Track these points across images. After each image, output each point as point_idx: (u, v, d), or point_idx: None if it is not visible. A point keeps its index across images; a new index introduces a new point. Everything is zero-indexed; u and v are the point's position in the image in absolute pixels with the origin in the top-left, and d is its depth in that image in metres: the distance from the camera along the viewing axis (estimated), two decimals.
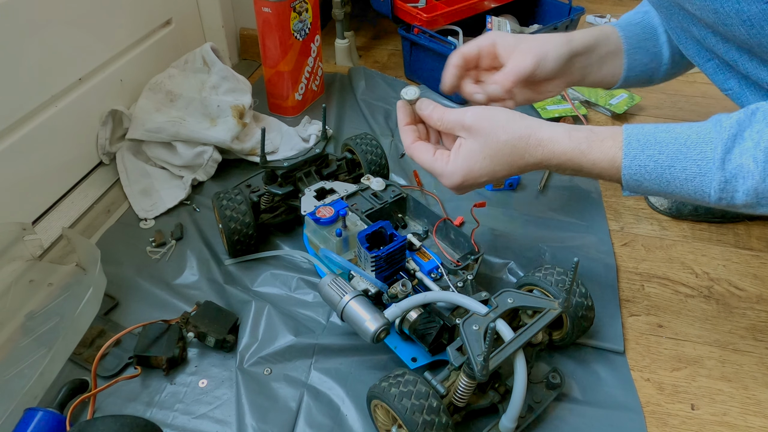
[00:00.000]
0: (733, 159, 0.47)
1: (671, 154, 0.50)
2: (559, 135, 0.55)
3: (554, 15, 1.34)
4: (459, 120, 0.58)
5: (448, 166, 0.58)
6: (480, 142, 0.56)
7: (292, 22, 1.04)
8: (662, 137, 0.51)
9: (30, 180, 0.83)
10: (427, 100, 0.62)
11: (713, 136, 0.48)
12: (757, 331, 0.73)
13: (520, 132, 0.55)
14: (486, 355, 0.50)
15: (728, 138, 0.48)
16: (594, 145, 0.53)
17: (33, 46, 0.79)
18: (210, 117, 0.98)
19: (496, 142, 0.56)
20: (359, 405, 0.63)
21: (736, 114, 0.49)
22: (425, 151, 0.60)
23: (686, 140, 0.50)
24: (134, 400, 0.64)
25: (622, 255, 0.84)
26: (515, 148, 0.55)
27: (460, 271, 0.67)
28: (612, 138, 0.53)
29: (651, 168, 0.51)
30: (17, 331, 0.69)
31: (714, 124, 0.49)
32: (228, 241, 0.78)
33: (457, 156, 0.58)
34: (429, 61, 1.20)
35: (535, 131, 0.55)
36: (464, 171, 0.57)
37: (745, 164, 0.47)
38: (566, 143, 0.54)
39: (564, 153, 0.54)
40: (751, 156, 0.46)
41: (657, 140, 0.51)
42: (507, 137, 0.55)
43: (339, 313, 0.59)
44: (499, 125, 0.56)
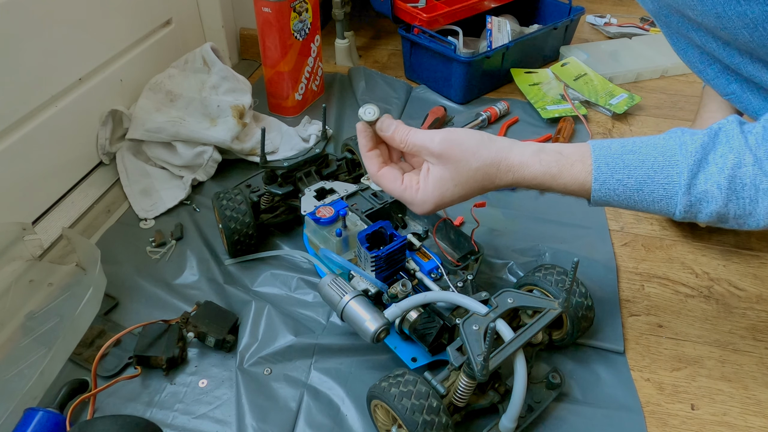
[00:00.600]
0: (698, 185, 0.49)
1: (639, 179, 0.51)
2: (529, 160, 0.54)
3: (554, 15, 1.34)
4: (425, 146, 0.56)
5: (418, 194, 0.56)
6: (450, 170, 0.55)
7: (292, 22, 1.04)
8: (630, 160, 0.51)
9: (30, 180, 0.83)
10: (389, 119, 0.58)
11: (679, 159, 0.50)
12: (757, 331, 0.73)
13: (491, 158, 0.55)
14: (486, 355, 0.50)
15: (693, 164, 0.49)
16: (564, 170, 0.53)
17: (33, 46, 0.79)
18: (210, 117, 0.98)
19: (467, 170, 0.55)
20: (359, 405, 0.63)
21: (699, 136, 0.50)
22: (392, 180, 0.58)
23: (653, 164, 0.51)
24: (134, 400, 0.64)
25: (622, 255, 0.84)
26: (487, 175, 0.55)
27: (460, 271, 0.67)
28: (581, 161, 0.53)
29: (620, 191, 0.52)
30: (17, 331, 0.69)
31: (680, 147, 0.50)
32: (228, 241, 0.78)
33: (426, 183, 0.56)
34: (429, 61, 1.20)
35: (506, 156, 0.55)
36: (435, 199, 0.56)
37: (710, 190, 0.49)
38: (536, 168, 0.54)
39: (534, 178, 0.54)
40: (715, 183, 0.48)
41: (625, 164, 0.52)
42: (478, 165, 0.55)
43: (339, 313, 0.59)
44: (470, 152, 0.55)
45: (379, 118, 0.57)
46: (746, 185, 0.48)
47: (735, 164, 0.48)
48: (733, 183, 0.48)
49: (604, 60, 1.30)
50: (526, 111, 1.17)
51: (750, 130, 0.49)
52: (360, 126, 0.59)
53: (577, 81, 1.21)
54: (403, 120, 1.15)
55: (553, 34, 1.28)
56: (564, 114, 1.12)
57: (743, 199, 0.48)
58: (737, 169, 0.48)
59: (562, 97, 1.17)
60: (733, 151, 0.48)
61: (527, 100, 1.18)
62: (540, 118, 1.13)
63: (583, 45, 1.37)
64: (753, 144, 0.48)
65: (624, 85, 1.26)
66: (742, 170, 0.48)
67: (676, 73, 1.30)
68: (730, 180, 0.48)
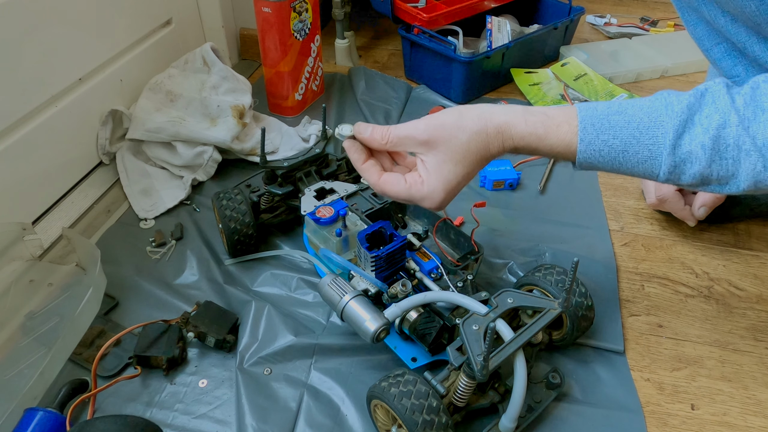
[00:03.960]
0: (683, 145, 0.49)
1: (625, 139, 0.51)
2: (514, 120, 0.54)
3: (554, 15, 1.34)
4: (410, 136, 0.55)
5: (425, 187, 0.55)
6: (443, 151, 0.54)
7: (292, 22, 1.04)
8: (616, 121, 0.51)
9: (30, 180, 0.83)
10: (362, 124, 0.58)
11: (665, 120, 0.50)
12: (757, 331, 0.73)
13: (477, 126, 0.54)
14: (486, 355, 0.50)
15: (679, 124, 0.49)
16: (550, 131, 0.53)
17: (33, 46, 0.79)
18: (210, 117, 0.98)
19: (459, 145, 0.54)
20: (359, 405, 0.63)
21: (685, 97, 0.50)
22: (395, 183, 0.57)
23: (639, 125, 0.50)
24: (134, 400, 0.64)
25: (622, 255, 0.84)
26: (479, 144, 0.54)
27: (460, 271, 0.67)
28: (567, 123, 0.53)
29: (605, 152, 0.52)
30: (17, 331, 0.69)
31: (666, 108, 0.50)
32: (228, 241, 0.78)
33: (428, 174, 0.55)
34: (429, 61, 1.20)
35: (490, 119, 0.54)
36: (443, 185, 0.55)
37: (694, 151, 0.48)
38: (523, 128, 0.54)
39: (522, 138, 0.54)
40: (700, 143, 0.48)
41: (611, 125, 0.51)
42: (467, 136, 0.54)
43: (339, 313, 0.59)
44: (454, 127, 0.55)
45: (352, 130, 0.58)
46: (729, 146, 0.48)
47: (720, 124, 0.48)
48: (717, 143, 0.48)
49: (604, 60, 1.30)
50: None
51: (737, 91, 0.49)
52: (346, 144, 0.58)
53: (577, 81, 1.21)
54: (404, 120, 1.15)
55: (553, 34, 1.28)
56: None
57: (726, 159, 0.48)
58: (722, 129, 0.48)
59: (562, 97, 1.17)
60: (719, 112, 0.48)
61: (527, 100, 1.18)
62: None
63: (583, 45, 1.37)
64: (740, 105, 0.48)
65: (624, 85, 1.26)
66: (726, 131, 0.48)
67: (676, 73, 1.30)
68: (714, 140, 0.48)
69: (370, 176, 0.58)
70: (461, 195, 0.93)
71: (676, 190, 0.81)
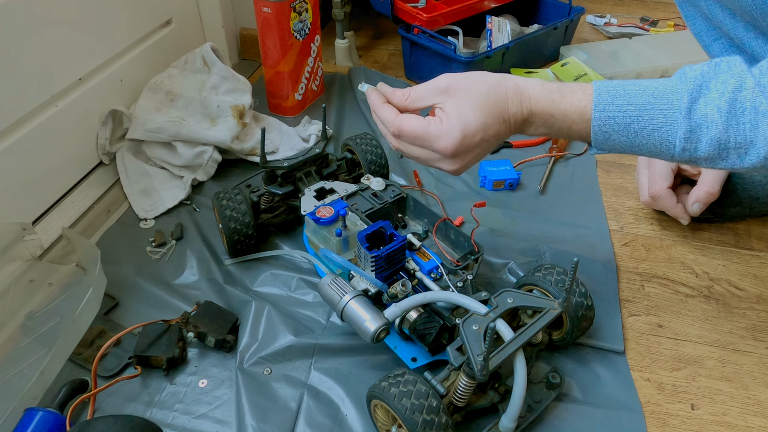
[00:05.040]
0: (698, 109, 0.48)
1: (639, 105, 0.51)
2: (532, 82, 0.56)
3: (554, 15, 1.34)
4: (433, 87, 0.57)
5: (443, 125, 0.55)
6: (462, 96, 0.55)
7: (292, 22, 1.04)
8: (630, 89, 0.52)
9: (30, 180, 0.83)
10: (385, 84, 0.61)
11: (679, 87, 0.50)
12: (757, 331, 0.73)
13: (496, 80, 0.56)
14: (486, 355, 0.50)
15: (694, 88, 0.49)
16: (565, 96, 0.54)
17: (33, 46, 0.79)
18: (210, 117, 0.98)
19: (479, 92, 0.55)
20: (359, 405, 0.63)
21: (700, 66, 0.50)
22: (413, 118, 0.57)
23: (654, 91, 0.51)
24: (134, 400, 0.64)
25: (622, 255, 0.84)
26: (498, 96, 0.55)
27: (460, 271, 0.67)
28: (582, 90, 0.53)
29: (620, 119, 0.51)
30: (17, 331, 0.69)
31: (680, 77, 0.50)
32: (228, 241, 0.78)
33: (446, 115, 0.55)
34: (429, 61, 1.20)
35: (510, 79, 0.56)
36: (461, 126, 0.54)
37: (710, 114, 0.48)
38: (540, 90, 0.55)
39: (538, 101, 0.54)
40: (716, 106, 0.48)
41: (626, 92, 0.52)
42: (487, 87, 0.55)
43: (339, 313, 0.59)
44: (476, 78, 0.56)
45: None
46: (746, 109, 0.47)
47: (735, 88, 0.47)
48: (733, 106, 0.47)
49: (604, 60, 1.30)
50: None
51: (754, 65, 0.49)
52: (368, 90, 0.61)
53: (577, 81, 1.21)
54: None
55: (553, 34, 1.28)
56: None
57: (743, 124, 0.47)
58: (737, 92, 0.47)
59: None
60: (735, 77, 0.48)
61: None
62: None
63: (583, 45, 1.37)
64: (756, 72, 0.48)
65: None
66: (742, 93, 0.47)
67: None
68: (730, 103, 0.47)
69: (388, 113, 0.59)
70: (461, 195, 0.94)
71: (668, 187, 0.81)
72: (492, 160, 1.00)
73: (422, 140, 0.56)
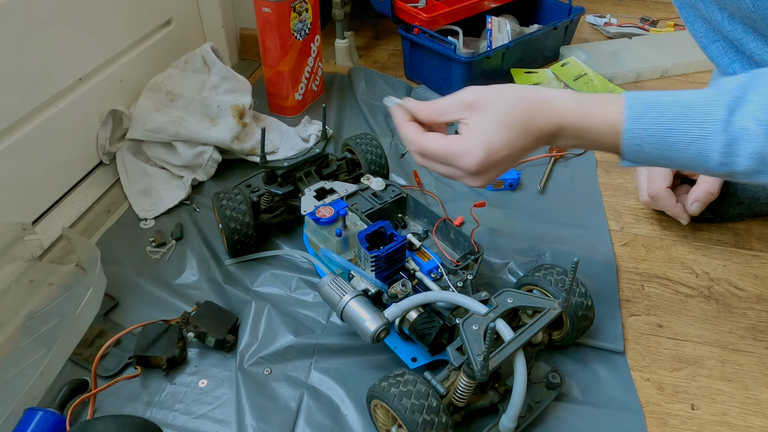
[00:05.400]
0: (736, 121, 0.46)
1: (674, 117, 0.49)
2: (561, 94, 0.54)
3: (554, 15, 1.34)
4: (457, 100, 0.55)
5: (465, 143, 0.54)
6: (487, 111, 0.54)
7: (292, 22, 1.04)
8: (664, 100, 0.50)
9: (30, 180, 0.83)
10: (411, 99, 0.59)
11: (716, 98, 0.48)
12: (757, 331, 0.73)
13: (523, 94, 0.54)
14: (486, 355, 0.50)
15: (731, 100, 0.47)
16: (595, 108, 0.52)
17: (33, 46, 0.79)
18: (210, 117, 0.98)
19: (505, 106, 0.53)
20: (359, 405, 0.63)
21: (737, 77, 0.48)
22: (436, 137, 0.56)
23: (689, 103, 0.49)
24: (134, 400, 0.64)
25: (622, 255, 0.84)
26: (524, 111, 0.53)
27: (460, 271, 0.67)
28: (613, 102, 0.51)
29: (653, 131, 0.49)
30: (17, 331, 0.69)
31: (716, 87, 0.48)
32: (228, 241, 0.78)
33: (470, 132, 0.54)
34: (429, 61, 1.20)
35: (537, 91, 0.55)
36: (484, 144, 0.53)
37: (749, 126, 0.46)
38: (568, 103, 0.53)
39: (567, 113, 0.53)
40: (755, 119, 0.46)
41: (659, 103, 0.50)
42: (512, 101, 0.54)
43: (339, 313, 0.59)
44: (502, 92, 0.55)
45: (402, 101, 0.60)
46: None
47: None
48: None
49: (604, 60, 1.30)
50: None
51: None
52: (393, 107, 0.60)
53: (577, 81, 1.21)
54: None
55: (553, 34, 1.28)
56: None
57: None
58: None
59: None
60: None
61: None
62: None
63: (583, 45, 1.37)
64: None
65: (624, 85, 1.26)
66: None
67: (676, 73, 1.30)
68: None
69: (411, 132, 0.57)
70: (461, 195, 0.94)
71: (667, 187, 0.81)
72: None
73: (445, 159, 0.55)
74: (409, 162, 1.02)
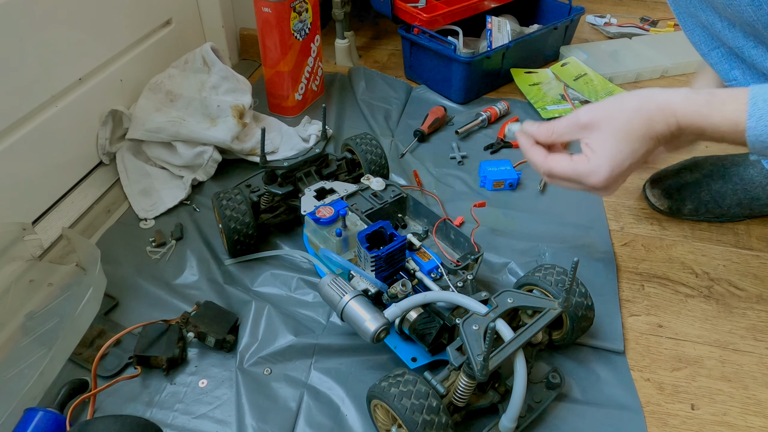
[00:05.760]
0: None
1: None
2: (676, 97, 0.53)
3: (554, 15, 1.34)
4: (573, 122, 0.57)
5: (590, 163, 0.55)
6: (605, 129, 0.55)
7: (292, 22, 1.04)
8: None
9: (30, 180, 0.83)
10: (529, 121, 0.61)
11: None
12: (757, 331, 0.73)
13: (637, 103, 0.54)
14: (486, 355, 0.50)
15: None
16: (715, 109, 0.51)
17: (33, 46, 0.79)
18: (210, 117, 0.98)
19: (621, 121, 0.54)
20: (359, 405, 0.63)
21: None
22: (562, 159, 0.58)
23: None
24: (134, 400, 0.64)
25: (622, 255, 0.84)
26: (642, 119, 0.54)
27: (460, 271, 0.67)
28: (735, 101, 0.50)
29: None
30: (17, 331, 0.69)
31: None
32: (228, 241, 0.78)
33: (592, 152, 0.56)
34: (429, 61, 1.20)
35: (652, 98, 0.54)
36: (608, 161, 0.54)
37: None
38: (686, 105, 0.52)
39: (685, 116, 0.52)
40: None
41: None
42: (627, 114, 0.54)
43: (339, 313, 0.59)
44: (614, 107, 0.55)
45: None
46: None
47: None
48: None
49: (604, 60, 1.30)
50: (526, 111, 1.17)
51: None
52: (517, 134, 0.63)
53: (577, 81, 1.21)
54: (403, 120, 1.15)
55: (553, 34, 1.28)
56: (564, 114, 1.12)
57: None
58: None
59: (562, 97, 1.17)
60: None
61: (527, 101, 1.18)
62: (540, 118, 1.13)
63: (583, 45, 1.37)
64: None
65: (624, 85, 1.26)
66: None
67: (676, 73, 1.30)
68: None
69: (537, 155, 0.60)
70: (461, 195, 0.94)
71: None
72: (492, 160, 1.00)
73: (573, 179, 0.57)
74: (409, 162, 1.02)
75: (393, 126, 1.12)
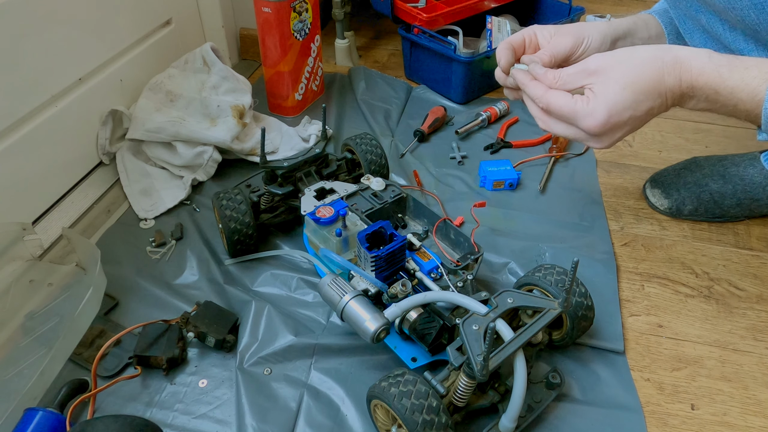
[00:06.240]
0: None
1: None
2: (697, 53, 0.51)
3: (554, 15, 1.34)
4: (581, 69, 0.54)
5: (589, 104, 0.53)
6: (612, 75, 0.52)
7: (292, 22, 1.04)
8: None
9: (30, 180, 0.83)
10: (536, 65, 0.58)
11: None
12: (757, 331, 0.73)
13: (653, 53, 0.52)
14: (486, 354, 0.50)
15: None
16: (736, 71, 0.49)
17: (33, 46, 0.79)
18: (210, 117, 0.98)
19: (631, 68, 0.52)
20: (359, 405, 0.63)
21: None
22: (562, 95, 0.55)
23: None
24: (134, 400, 0.64)
25: (622, 255, 0.84)
26: (653, 70, 0.51)
27: (460, 271, 0.67)
28: (757, 67, 0.48)
29: None
30: (17, 331, 0.69)
31: None
32: (228, 241, 0.78)
33: (594, 95, 0.53)
34: (429, 61, 1.20)
35: (669, 50, 0.52)
36: (607, 105, 0.52)
37: None
38: (705, 62, 0.50)
39: (702, 73, 0.50)
40: None
41: None
42: (639, 61, 0.52)
43: (339, 313, 0.59)
44: (628, 54, 0.53)
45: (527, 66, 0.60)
46: None
47: None
48: None
49: None
50: (526, 111, 1.16)
51: None
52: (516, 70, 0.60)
53: None
54: (403, 120, 1.15)
55: None
56: None
57: None
58: None
59: None
60: None
61: None
62: None
63: None
64: None
65: None
66: None
67: None
68: None
69: (537, 89, 0.57)
70: (461, 195, 0.94)
71: None
72: (492, 160, 1.00)
73: (568, 118, 0.55)
74: (409, 162, 1.02)
75: (393, 126, 1.12)
